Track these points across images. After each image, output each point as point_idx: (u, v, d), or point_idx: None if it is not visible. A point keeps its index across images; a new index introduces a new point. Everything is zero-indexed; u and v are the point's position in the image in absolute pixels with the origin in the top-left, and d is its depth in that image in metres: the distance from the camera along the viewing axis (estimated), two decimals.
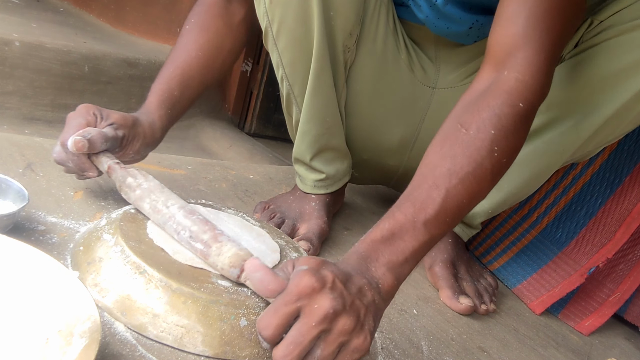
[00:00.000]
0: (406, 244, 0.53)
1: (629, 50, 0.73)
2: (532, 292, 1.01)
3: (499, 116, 0.58)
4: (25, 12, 1.39)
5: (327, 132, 0.87)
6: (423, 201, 0.55)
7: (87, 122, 0.67)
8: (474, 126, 0.58)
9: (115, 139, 0.69)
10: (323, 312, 0.45)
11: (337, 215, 1.02)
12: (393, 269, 0.53)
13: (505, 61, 0.61)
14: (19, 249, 0.51)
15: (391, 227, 0.54)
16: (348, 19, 0.78)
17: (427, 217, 0.54)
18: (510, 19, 0.62)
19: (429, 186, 0.56)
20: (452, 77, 0.91)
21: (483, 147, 0.57)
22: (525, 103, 0.59)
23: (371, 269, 0.52)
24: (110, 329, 0.53)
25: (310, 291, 0.45)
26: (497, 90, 0.60)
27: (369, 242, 0.53)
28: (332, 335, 0.46)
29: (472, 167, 0.56)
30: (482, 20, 0.82)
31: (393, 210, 0.55)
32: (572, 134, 0.81)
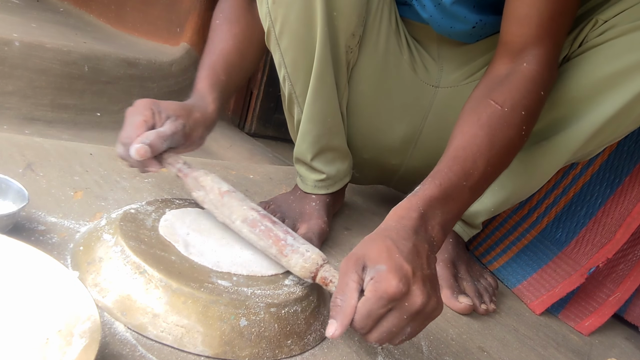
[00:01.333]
0: (456, 204, 0.60)
1: (633, 50, 0.73)
2: (532, 292, 1.01)
3: (527, 99, 0.66)
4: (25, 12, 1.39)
5: (328, 132, 0.87)
6: (471, 167, 0.60)
7: (145, 119, 0.69)
8: (509, 104, 0.64)
9: (176, 133, 0.71)
10: (415, 308, 0.51)
11: (337, 215, 1.02)
12: (444, 228, 0.59)
13: (521, 55, 0.69)
14: (19, 249, 0.51)
15: (446, 188, 0.59)
16: (351, 20, 0.78)
17: (473, 182, 0.60)
18: (524, 20, 0.69)
19: (473, 152, 0.61)
20: (455, 75, 0.91)
21: (515, 125, 0.64)
22: (545, 91, 0.69)
23: (429, 228, 0.57)
24: (110, 329, 0.53)
25: (400, 294, 0.50)
26: (523, 77, 0.67)
27: (427, 199, 0.58)
28: (420, 317, 0.53)
29: (506, 141, 0.63)
30: (486, 20, 0.83)
31: (444, 169, 0.60)
32: (575, 133, 0.81)
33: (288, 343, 0.59)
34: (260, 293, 0.59)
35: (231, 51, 0.85)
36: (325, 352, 0.63)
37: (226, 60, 0.84)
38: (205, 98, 0.80)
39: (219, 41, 0.85)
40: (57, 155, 0.83)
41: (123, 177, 0.84)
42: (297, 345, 0.60)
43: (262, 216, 0.65)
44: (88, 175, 0.81)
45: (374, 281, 0.51)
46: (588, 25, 0.78)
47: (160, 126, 0.70)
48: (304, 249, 0.62)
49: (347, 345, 0.65)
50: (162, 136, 0.68)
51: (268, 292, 0.60)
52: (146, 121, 0.69)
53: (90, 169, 0.83)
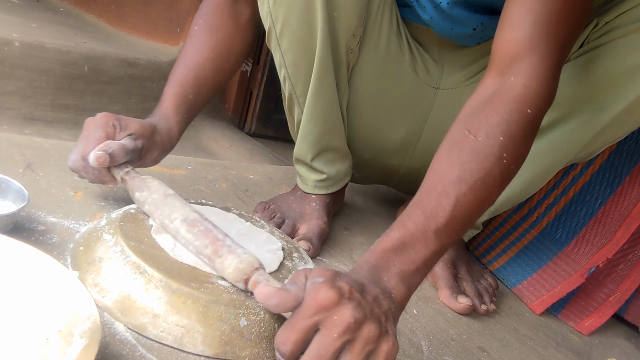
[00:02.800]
0: (417, 253, 0.53)
1: (635, 51, 0.73)
2: (532, 292, 1.01)
3: (507, 122, 0.57)
4: (25, 12, 1.39)
5: (328, 132, 0.87)
6: (433, 210, 0.54)
7: (106, 135, 0.67)
8: (483, 132, 0.57)
9: (135, 150, 0.69)
10: (345, 323, 0.44)
11: (337, 215, 1.02)
12: (405, 279, 0.52)
13: (511, 66, 0.60)
14: (19, 249, 0.51)
15: (402, 237, 0.53)
16: (351, 21, 0.78)
17: (438, 226, 0.54)
18: (516, 23, 0.61)
19: (438, 194, 0.55)
20: (456, 77, 0.91)
21: (492, 154, 0.56)
22: (533, 109, 0.59)
23: (383, 279, 0.51)
24: (110, 329, 0.53)
25: (329, 303, 0.44)
26: (505, 96, 0.59)
27: (379, 252, 0.53)
28: (357, 344, 0.44)
29: (481, 175, 0.55)
30: (487, 22, 0.83)
31: (403, 218, 0.55)
32: (576, 134, 0.81)
33: None
34: None
35: (205, 66, 0.81)
36: None
37: (197, 77, 0.80)
38: (169, 120, 0.77)
39: (193, 53, 0.81)
40: (57, 155, 0.83)
41: None
42: None
43: (204, 219, 0.62)
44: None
45: (307, 291, 0.46)
46: (589, 26, 0.78)
47: None
48: (241, 251, 0.58)
49: None
50: (124, 149, 0.67)
51: None
52: (107, 137, 0.67)
53: None
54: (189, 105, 0.79)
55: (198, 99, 0.80)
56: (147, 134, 0.72)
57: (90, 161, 0.65)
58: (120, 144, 0.67)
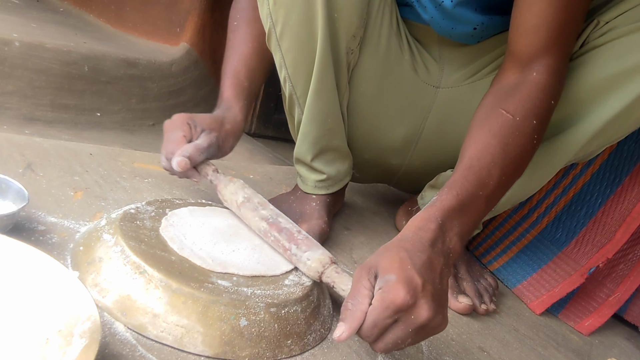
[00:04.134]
0: (473, 215, 0.60)
1: (634, 51, 0.73)
2: (532, 292, 1.01)
3: (539, 108, 0.66)
4: (25, 12, 1.39)
5: (328, 133, 0.87)
6: (486, 177, 0.61)
7: (184, 134, 0.75)
8: (520, 114, 0.65)
9: (211, 146, 0.77)
10: (420, 322, 0.51)
11: (338, 215, 1.02)
12: (462, 238, 0.59)
13: (530, 65, 0.70)
14: (19, 249, 0.51)
15: (463, 198, 0.59)
16: (352, 21, 0.78)
17: (489, 191, 0.61)
18: (533, 30, 0.69)
19: (487, 162, 0.61)
20: (456, 76, 0.91)
21: (527, 133, 0.65)
22: (555, 101, 0.70)
23: (446, 240, 0.57)
24: (110, 329, 0.53)
25: (406, 305, 0.50)
26: (533, 87, 0.68)
27: (446, 210, 0.58)
28: (425, 330, 0.52)
29: (519, 150, 0.64)
30: (487, 22, 0.83)
31: (459, 179, 0.60)
32: (576, 134, 0.81)
33: (288, 343, 0.59)
34: (260, 293, 0.59)
35: (252, 55, 0.87)
36: (325, 352, 0.63)
37: (247, 64, 0.86)
38: (233, 108, 0.83)
39: (238, 44, 0.87)
40: (57, 155, 0.83)
41: (123, 177, 0.84)
42: (297, 346, 0.60)
43: (270, 225, 0.68)
44: (88, 175, 0.81)
45: (382, 291, 0.51)
46: (589, 26, 0.78)
47: (197, 139, 0.76)
48: (305, 257, 0.64)
49: (347, 345, 0.65)
50: (200, 149, 0.74)
51: (268, 292, 0.60)
52: (185, 136, 0.75)
53: (90, 169, 0.83)
54: (246, 92, 0.86)
55: (252, 86, 0.87)
56: (218, 126, 0.79)
57: (174, 167, 0.72)
58: (194, 145, 0.74)
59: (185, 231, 0.66)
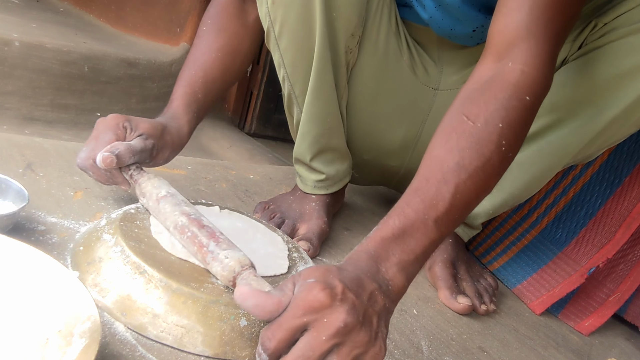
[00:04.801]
0: (417, 242, 0.52)
1: (633, 53, 0.73)
2: (532, 292, 1.01)
3: (506, 109, 0.56)
4: (25, 12, 1.39)
5: (327, 132, 0.87)
6: (433, 197, 0.53)
7: (116, 137, 0.67)
8: (482, 119, 0.56)
9: (144, 151, 0.69)
10: (335, 326, 0.43)
11: (337, 215, 1.02)
12: (404, 269, 0.51)
13: (508, 51, 0.60)
14: (19, 249, 0.51)
15: (402, 225, 0.52)
16: (350, 20, 0.78)
17: (438, 214, 0.53)
18: (513, 10, 0.60)
19: (437, 181, 0.54)
20: (455, 78, 0.91)
21: (491, 141, 0.55)
22: (531, 96, 0.58)
23: (382, 270, 0.50)
24: (110, 329, 0.53)
25: (319, 305, 0.43)
26: (503, 83, 0.58)
27: (379, 240, 0.51)
28: (345, 348, 0.44)
29: (481, 162, 0.55)
30: (487, 24, 0.82)
31: (402, 206, 0.53)
32: (575, 136, 0.81)
33: None
34: None
35: (213, 65, 0.82)
36: None
37: (206, 76, 0.81)
38: (179, 119, 0.77)
39: (201, 53, 0.82)
40: (57, 155, 0.83)
41: None
42: None
43: (191, 221, 0.60)
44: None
45: (297, 292, 0.45)
46: (587, 28, 0.78)
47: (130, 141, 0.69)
48: (223, 255, 0.56)
49: None
50: (131, 150, 0.67)
51: None
52: (117, 138, 0.68)
53: None
54: (198, 105, 0.80)
55: (207, 98, 0.81)
56: (157, 134, 0.72)
57: (97, 162, 0.65)
58: (127, 144, 0.66)
59: None
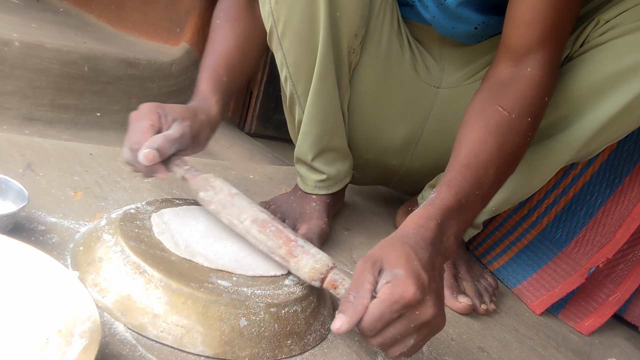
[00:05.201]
0: (469, 213, 0.60)
1: (635, 50, 0.73)
2: (532, 292, 1.01)
3: (533, 106, 0.66)
4: (25, 12, 1.39)
5: (329, 132, 0.87)
6: (482, 174, 0.60)
7: (151, 123, 0.68)
8: (516, 111, 0.64)
9: (183, 136, 0.70)
10: (424, 319, 0.51)
11: (338, 215, 1.02)
12: (458, 238, 0.59)
13: (525, 59, 0.69)
14: (19, 249, 0.51)
15: (461, 198, 0.58)
16: (354, 20, 0.78)
17: (484, 190, 0.60)
18: (528, 23, 0.69)
19: (484, 160, 0.61)
20: (457, 76, 0.91)
21: (522, 131, 0.64)
22: (548, 97, 0.69)
23: (444, 239, 0.57)
24: (110, 329, 0.53)
25: (415, 302, 0.50)
26: (528, 84, 0.67)
27: (445, 209, 0.57)
28: (426, 329, 0.52)
29: (514, 148, 0.63)
30: (488, 22, 0.83)
31: (457, 178, 0.59)
32: (577, 133, 0.81)
33: (288, 343, 0.59)
34: (260, 293, 0.59)
35: (232, 51, 0.84)
36: (325, 352, 0.63)
37: (227, 60, 0.83)
38: (209, 100, 0.79)
39: (220, 41, 0.85)
40: (57, 155, 0.83)
41: (123, 177, 0.84)
42: (297, 345, 0.60)
43: (272, 218, 0.65)
44: (88, 175, 0.81)
45: (390, 285, 0.50)
46: (590, 25, 0.78)
47: (167, 129, 0.69)
48: (314, 251, 0.62)
49: (347, 345, 0.65)
50: (170, 139, 0.67)
51: (268, 292, 0.60)
52: (153, 125, 0.68)
53: (90, 169, 0.83)
54: (224, 87, 0.82)
55: (231, 82, 0.83)
56: (191, 115, 0.73)
57: (140, 160, 0.65)
58: (163, 135, 0.67)
59: (178, 230, 0.66)
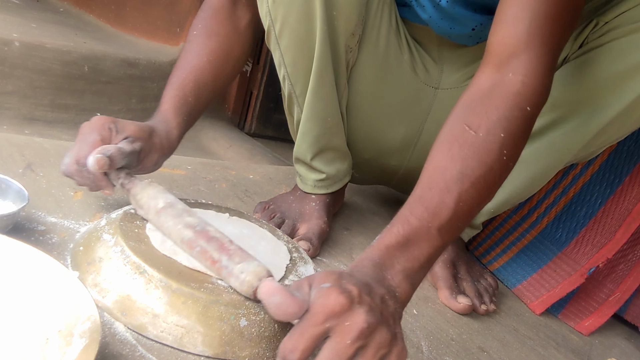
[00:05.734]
0: (421, 250, 0.53)
1: (634, 51, 0.74)
2: (532, 292, 1.01)
3: (508, 119, 0.57)
4: (25, 12, 1.39)
5: (328, 132, 0.87)
6: (436, 206, 0.54)
7: (101, 138, 0.65)
8: (484, 128, 0.56)
9: (132, 154, 0.66)
10: (358, 329, 0.43)
11: (337, 215, 1.02)
12: (409, 277, 0.52)
13: (509, 62, 0.60)
14: (19, 249, 0.51)
15: (406, 233, 0.52)
16: (351, 19, 0.78)
17: (441, 222, 0.53)
18: (513, 21, 0.61)
19: (440, 190, 0.54)
20: (456, 77, 0.91)
21: (493, 150, 0.56)
22: (532, 107, 0.59)
23: (387, 277, 0.50)
24: (110, 329, 0.53)
25: (340, 309, 0.43)
26: (505, 93, 0.59)
27: (383, 248, 0.52)
28: (370, 349, 0.44)
29: (483, 171, 0.55)
30: (486, 23, 0.83)
31: (405, 214, 0.54)
32: (576, 134, 0.81)
33: None
34: None
35: (204, 69, 0.79)
36: None
37: (197, 80, 0.78)
38: (169, 122, 0.75)
39: (192, 57, 0.80)
40: (57, 155, 0.83)
41: None
42: None
43: (197, 233, 0.58)
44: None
45: (314, 298, 0.45)
46: (588, 27, 0.78)
47: None
48: (238, 270, 0.55)
49: None
50: (122, 152, 0.64)
51: None
52: (103, 140, 0.65)
53: None
54: (189, 108, 0.77)
55: (198, 103, 0.79)
56: (144, 136, 0.69)
57: (89, 165, 0.62)
58: (117, 147, 0.64)
59: None
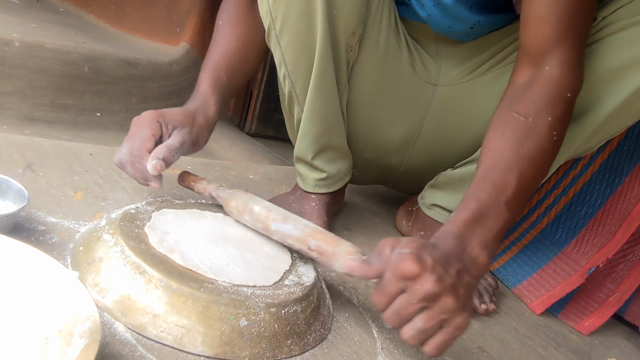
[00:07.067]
0: (494, 222, 0.60)
1: (632, 45, 0.74)
2: (532, 292, 1.01)
3: (552, 104, 0.66)
4: (25, 12, 1.39)
5: (328, 130, 0.87)
6: (501, 183, 0.61)
7: (153, 132, 0.72)
8: (532, 114, 0.65)
9: (184, 143, 0.74)
10: (423, 292, 0.52)
11: (337, 215, 1.02)
12: (486, 247, 0.59)
13: (543, 58, 0.69)
14: (19, 249, 0.51)
15: (478, 208, 0.59)
16: (351, 18, 0.78)
17: (507, 197, 0.61)
18: (542, 21, 0.69)
19: (502, 169, 0.62)
20: (454, 74, 0.91)
21: (542, 133, 0.65)
22: (571, 93, 0.69)
23: (467, 250, 0.57)
24: (110, 329, 0.53)
25: (411, 275, 0.52)
26: (545, 83, 0.68)
27: (461, 222, 0.59)
28: (432, 311, 0.53)
29: (536, 151, 0.64)
30: (483, 21, 0.83)
31: (474, 192, 0.61)
32: (576, 129, 0.81)
33: (288, 343, 0.59)
34: (260, 293, 0.59)
35: (233, 53, 0.86)
36: (325, 352, 0.63)
37: (228, 61, 0.85)
38: (207, 100, 0.82)
39: (221, 42, 0.87)
40: (57, 155, 0.83)
41: (123, 177, 0.84)
42: (297, 346, 0.60)
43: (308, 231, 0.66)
44: (88, 175, 0.81)
45: (393, 261, 0.53)
46: None
47: (168, 138, 0.74)
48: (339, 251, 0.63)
49: (347, 346, 0.65)
50: (172, 149, 0.72)
51: (268, 292, 0.60)
52: (154, 135, 0.72)
53: (90, 169, 0.83)
54: (223, 87, 0.84)
55: (230, 83, 0.86)
56: (189, 121, 0.77)
57: (149, 171, 0.69)
58: (166, 145, 0.71)
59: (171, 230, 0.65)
